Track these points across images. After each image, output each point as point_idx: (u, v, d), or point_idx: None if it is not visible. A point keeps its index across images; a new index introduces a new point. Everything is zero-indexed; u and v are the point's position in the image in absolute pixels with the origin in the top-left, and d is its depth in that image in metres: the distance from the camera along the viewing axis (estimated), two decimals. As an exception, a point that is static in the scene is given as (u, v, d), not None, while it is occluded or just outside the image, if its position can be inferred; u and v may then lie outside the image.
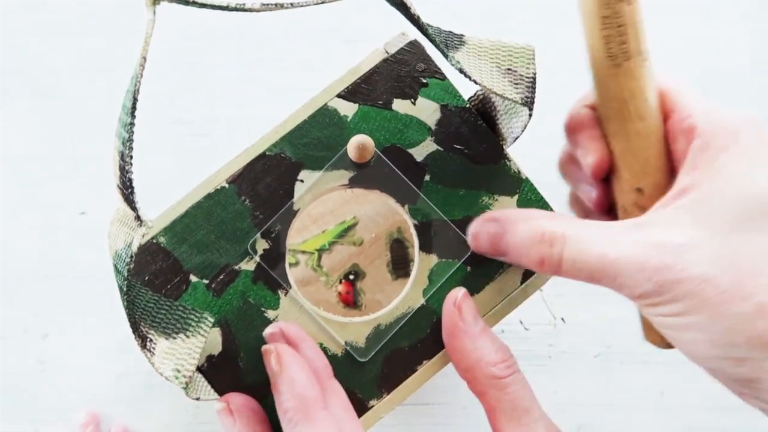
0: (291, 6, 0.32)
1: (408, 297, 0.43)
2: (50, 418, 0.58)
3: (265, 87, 0.62)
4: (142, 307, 0.39)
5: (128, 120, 0.31)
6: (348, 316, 0.43)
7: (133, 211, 0.34)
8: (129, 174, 0.32)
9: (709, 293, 0.33)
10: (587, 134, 0.40)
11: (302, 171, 0.43)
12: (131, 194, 0.33)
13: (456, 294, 0.41)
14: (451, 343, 0.41)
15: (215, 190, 0.43)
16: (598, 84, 0.39)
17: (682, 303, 0.34)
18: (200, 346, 0.39)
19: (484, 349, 0.40)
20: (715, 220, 0.34)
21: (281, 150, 0.43)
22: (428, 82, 0.44)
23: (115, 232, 0.39)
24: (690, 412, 0.60)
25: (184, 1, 0.31)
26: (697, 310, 0.34)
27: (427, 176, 0.43)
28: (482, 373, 0.39)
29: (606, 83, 0.38)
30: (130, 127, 0.31)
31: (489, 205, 0.44)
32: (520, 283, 0.43)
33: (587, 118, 0.40)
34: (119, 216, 0.38)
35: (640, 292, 0.35)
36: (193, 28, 0.63)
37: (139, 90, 0.31)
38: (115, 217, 0.39)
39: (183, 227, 0.42)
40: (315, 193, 0.43)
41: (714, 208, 0.35)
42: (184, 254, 0.42)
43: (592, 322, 0.61)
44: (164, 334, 0.39)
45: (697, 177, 0.36)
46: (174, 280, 0.42)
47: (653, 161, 0.38)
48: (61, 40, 0.63)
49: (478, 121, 0.44)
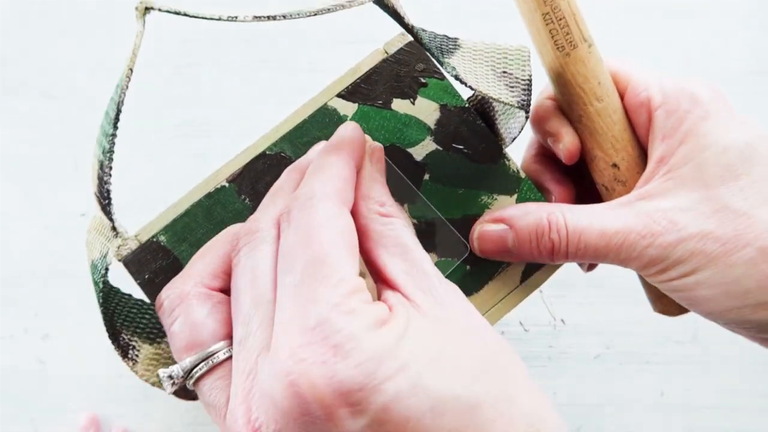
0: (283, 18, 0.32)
1: None
2: (50, 418, 0.58)
3: (265, 88, 0.63)
4: (125, 315, 0.39)
5: (110, 130, 0.31)
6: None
7: (109, 221, 0.34)
8: (107, 185, 0.32)
9: (711, 247, 0.35)
10: (555, 121, 0.42)
11: None
12: (108, 205, 0.33)
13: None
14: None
15: (215, 189, 0.43)
16: (553, 76, 0.41)
17: (689, 263, 0.35)
18: None
19: (374, 189, 0.36)
20: (698, 180, 0.36)
21: (281, 149, 0.43)
22: (427, 82, 0.44)
23: (92, 240, 0.38)
24: (690, 412, 0.60)
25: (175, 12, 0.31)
26: (704, 266, 0.35)
27: (426, 175, 0.43)
28: (367, 207, 0.36)
29: (560, 74, 0.40)
30: (111, 138, 0.31)
31: (488, 204, 0.44)
32: (520, 282, 0.43)
33: (552, 107, 0.43)
34: (96, 224, 0.38)
35: (645, 260, 0.36)
36: (194, 30, 0.63)
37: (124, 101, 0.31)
38: (91, 225, 0.39)
39: (183, 226, 0.43)
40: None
41: (695, 169, 0.37)
42: (185, 253, 0.42)
43: (592, 322, 0.61)
44: (148, 339, 0.39)
45: (671, 144, 0.38)
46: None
47: (620, 136, 0.41)
48: (61, 40, 0.63)
49: (477, 121, 0.44)
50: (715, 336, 0.61)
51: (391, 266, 0.34)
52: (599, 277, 0.61)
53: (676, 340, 0.61)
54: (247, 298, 0.32)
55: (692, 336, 0.62)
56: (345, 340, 0.28)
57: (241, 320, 0.32)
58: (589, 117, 0.41)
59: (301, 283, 0.30)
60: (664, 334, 0.61)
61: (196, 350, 0.34)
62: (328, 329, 0.29)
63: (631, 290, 0.62)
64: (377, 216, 0.35)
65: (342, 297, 0.30)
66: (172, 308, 0.35)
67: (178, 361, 0.34)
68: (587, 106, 0.40)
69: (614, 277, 0.62)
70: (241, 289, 0.33)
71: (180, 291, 0.35)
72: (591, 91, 0.40)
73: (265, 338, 0.31)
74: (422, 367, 0.29)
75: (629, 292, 0.62)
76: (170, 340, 0.35)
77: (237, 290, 0.33)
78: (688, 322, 0.61)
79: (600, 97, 0.40)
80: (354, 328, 0.29)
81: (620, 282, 0.62)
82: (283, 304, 0.31)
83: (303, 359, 0.28)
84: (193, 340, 0.34)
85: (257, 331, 0.31)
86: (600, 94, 0.40)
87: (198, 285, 0.35)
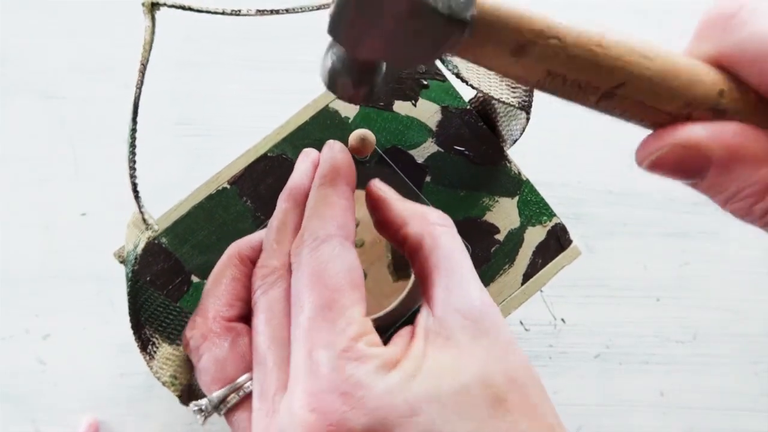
0: (286, 12, 0.32)
1: (408, 297, 0.43)
2: (51, 418, 0.58)
3: (266, 87, 0.63)
4: (151, 311, 0.39)
5: (132, 126, 0.32)
6: (349, 317, 0.43)
7: (140, 214, 0.34)
8: (133, 179, 0.33)
9: None
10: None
11: None
12: (137, 197, 0.33)
13: (373, 183, 0.38)
14: (382, 213, 0.37)
15: (217, 191, 0.43)
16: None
17: None
18: None
19: (414, 206, 0.37)
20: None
21: (283, 151, 0.43)
22: (429, 84, 0.44)
23: (129, 234, 0.39)
24: (690, 413, 0.61)
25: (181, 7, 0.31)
26: None
27: (427, 177, 0.43)
28: (417, 221, 0.35)
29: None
30: (132, 133, 0.32)
31: (489, 206, 0.44)
32: (521, 284, 0.44)
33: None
34: (134, 219, 0.39)
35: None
36: (198, 29, 0.63)
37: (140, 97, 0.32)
38: (131, 219, 0.40)
39: (185, 228, 0.43)
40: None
41: None
42: (186, 255, 0.42)
43: (592, 322, 0.61)
44: (168, 339, 0.39)
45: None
46: (175, 281, 0.42)
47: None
48: (61, 40, 0.63)
49: (479, 123, 0.44)
50: (715, 336, 0.62)
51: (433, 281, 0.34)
52: (599, 277, 0.62)
53: (676, 340, 0.62)
54: (264, 337, 0.34)
55: (692, 336, 0.62)
56: (354, 387, 0.29)
57: (259, 359, 0.34)
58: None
59: (310, 328, 0.31)
60: (664, 334, 0.61)
61: (223, 384, 0.35)
62: (337, 377, 0.29)
63: (631, 290, 0.62)
64: (430, 227, 0.35)
65: (350, 341, 0.30)
66: (197, 347, 0.36)
67: (207, 394, 0.36)
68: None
69: (614, 278, 0.62)
70: (258, 330, 0.34)
71: (201, 330, 0.37)
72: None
73: (280, 377, 0.32)
74: (435, 413, 0.29)
75: (629, 292, 0.62)
76: (198, 376, 0.37)
77: (254, 329, 0.35)
78: (688, 322, 0.62)
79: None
80: (362, 374, 0.29)
81: (620, 282, 0.62)
82: (296, 346, 0.32)
83: (315, 408, 0.29)
84: (218, 375, 0.35)
85: (273, 369, 0.32)
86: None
87: (216, 320, 0.36)
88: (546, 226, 0.44)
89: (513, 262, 0.44)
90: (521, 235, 0.44)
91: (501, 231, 0.44)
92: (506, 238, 0.44)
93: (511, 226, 0.44)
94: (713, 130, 0.27)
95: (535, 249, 0.44)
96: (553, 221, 0.44)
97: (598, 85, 0.27)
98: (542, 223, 0.44)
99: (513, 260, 0.44)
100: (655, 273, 0.62)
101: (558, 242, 0.44)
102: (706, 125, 0.27)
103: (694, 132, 0.27)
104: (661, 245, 0.63)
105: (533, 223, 0.44)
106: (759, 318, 0.62)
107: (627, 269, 0.62)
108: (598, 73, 0.27)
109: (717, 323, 0.62)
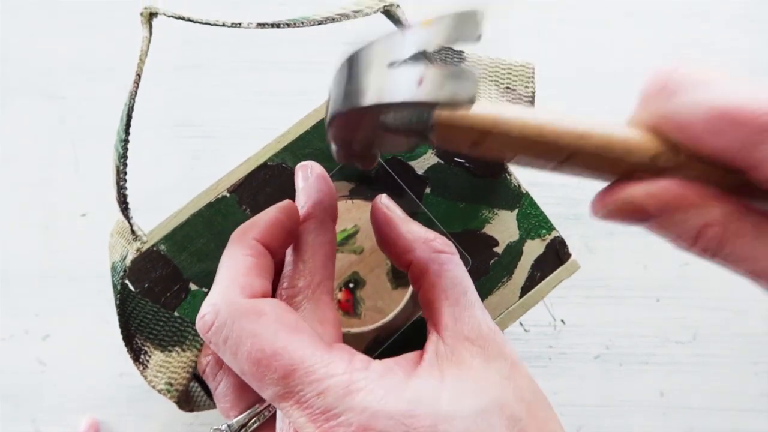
0: (287, 26, 0.32)
1: (407, 306, 0.43)
2: (51, 419, 0.59)
3: (265, 89, 0.62)
4: (140, 319, 0.39)
5: (123, 135, 0.32)
6: (347, 324, 0.43)
7: (129, 224, 0.34)
8: (123, 189, 0.33)
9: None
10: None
11: None
12: (126, 209, 0.33)
13: (379, 198, 0.40)
14: (387, 234, 0.39)
15: (216, 199, 0.43)
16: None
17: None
18: (194, 360, 0.39)
19: (419, 230, 0.38)
20: None
21: (283, 160, 0.43)
22: None
23: (113, 243, 0.39)
24: (690, 413, 0.61)
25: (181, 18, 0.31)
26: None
27: (427, 189, 0.43)
28: (423, 248, 0.37)
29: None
30: (124, 143, 0.32)
31: (489, 218, 0.44)
32: (519, 298, 0.44)
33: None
34: (118, 228, 0.38)
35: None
36: (196, 32, 0.62)
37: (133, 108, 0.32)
38: (114, 228, 0.39)
39: (183, 235, 0.42)
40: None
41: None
42: (184, 262, 0.42)
43: (592, 323, 0.61)
44: (160, 346, 0.39)
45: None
46: (173, 288, 0.42)
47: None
48: (61, 40, 0.63)
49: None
50: (715, 336, 0.61)
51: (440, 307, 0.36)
52: (599, 277, 0.62)
53: (676, 340, 0.62)
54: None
55: (692, 336, 0.62)
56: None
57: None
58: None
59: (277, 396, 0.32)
60: (664, 334, 0.61)
61: (243, 409, 0.36)
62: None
63: (631, 290, 0.62)
64: (435, 255, 0.37)
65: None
66: (214, 374, 0.37)
67: (226, 419, 0.37)
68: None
69: (614, 278, 0.62)
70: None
71: (216, 356, 0.38)
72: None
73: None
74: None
75: (629, 293, 0.62)
76: (216, 401, 0.38)
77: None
78: (688, 322, 0.61)
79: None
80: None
81: (620, 282, 0.62)
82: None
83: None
84: (238, 401, 0.37)
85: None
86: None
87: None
88: (545, 240, 0.44)
89: (511, 275, 0.44)
90: (520, 248, 0.44)
91: (500, 244, 0.44)
92: (505, 251, 0.44)
93: (510, 239, 0.44)
94: (647, 188, 0.31)
95: (534, 262, 0.44)
96: (552, 235, 0.44)
97: (551, 159, 0.32)
98: (541, 236, 0.44)
99: (511, 273, 0.44)
100: (655, 273, 0.62)
101: (557, 256, 0.44)
102: (644, 184, 0.31)
103: (634, 191, 0.31)
104: (661, 245, 0.62)
105: (532, 236, 0.44)
106: (759, 318, 0.62)
107: (627, 269, 0.62)
108: (548, 151, 0.31)
109: (717, 323, 0.62)
